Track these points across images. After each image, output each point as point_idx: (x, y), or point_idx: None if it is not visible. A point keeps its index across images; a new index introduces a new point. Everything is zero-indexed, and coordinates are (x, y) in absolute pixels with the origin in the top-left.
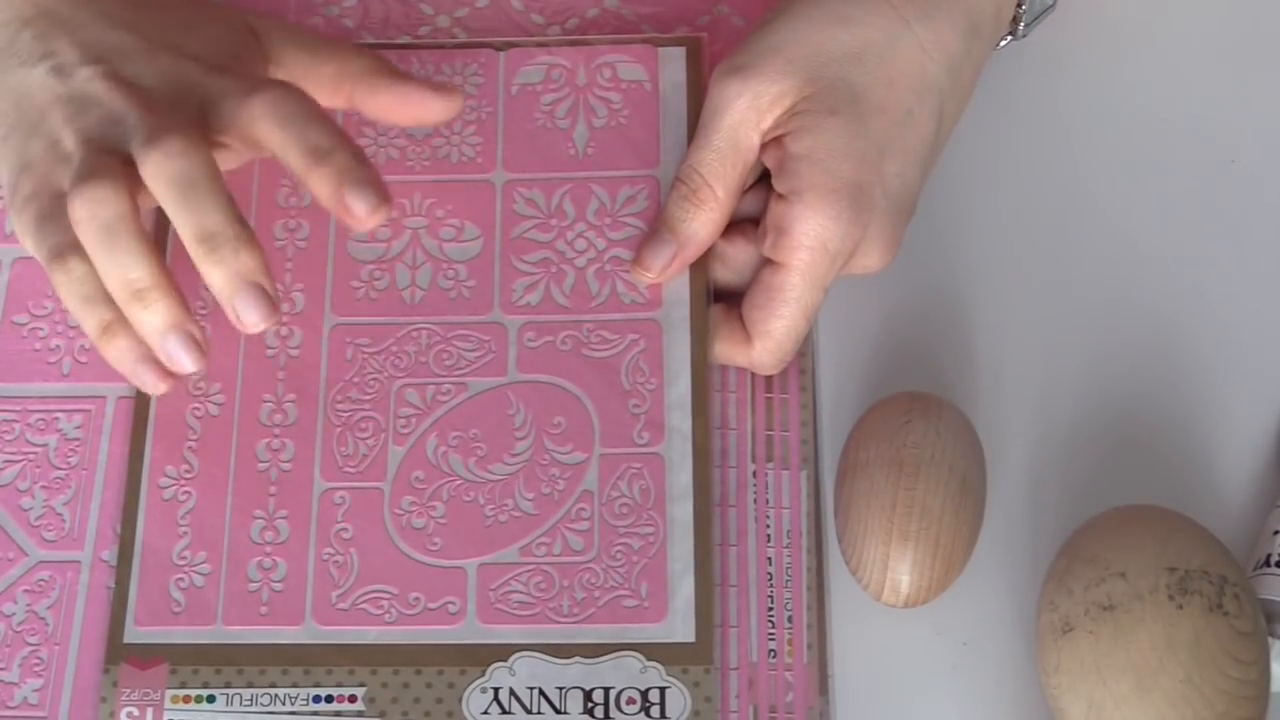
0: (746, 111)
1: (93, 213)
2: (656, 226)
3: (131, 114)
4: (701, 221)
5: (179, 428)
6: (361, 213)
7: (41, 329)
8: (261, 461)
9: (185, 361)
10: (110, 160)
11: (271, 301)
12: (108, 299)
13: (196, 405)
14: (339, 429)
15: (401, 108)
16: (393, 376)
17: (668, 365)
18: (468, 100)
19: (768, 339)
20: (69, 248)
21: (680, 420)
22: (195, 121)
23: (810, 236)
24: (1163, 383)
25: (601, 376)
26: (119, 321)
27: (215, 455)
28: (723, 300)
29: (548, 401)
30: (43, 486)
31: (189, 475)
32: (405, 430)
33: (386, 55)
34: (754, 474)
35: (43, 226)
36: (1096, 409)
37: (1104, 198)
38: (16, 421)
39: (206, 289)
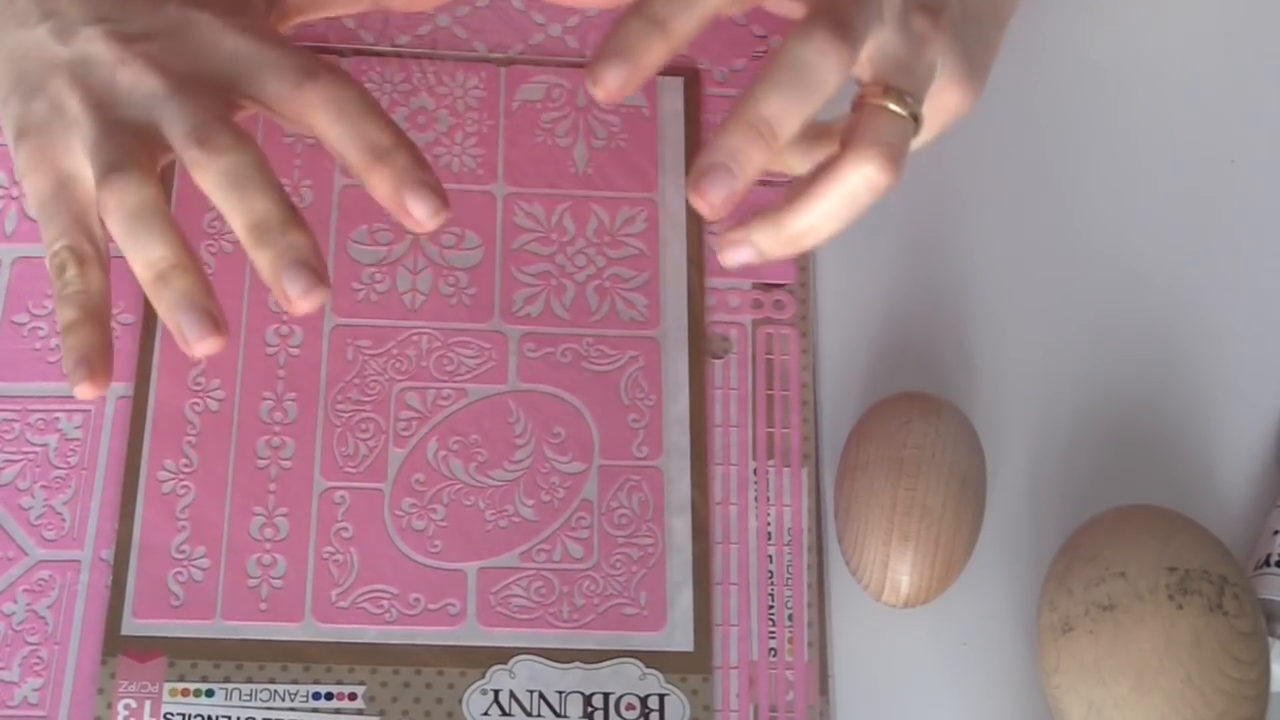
0: None
1: (120, 201)
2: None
3: (157, 88)
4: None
5: (178, 422)
6: (422, 216)
7: (41, 328)
8: (261, 459)
9: (198, 338)
10: (131, 143)
11: (316, 274)
12: (83, 303)
13: (196, 401)
14: (339, 429)
15: None
16: (393, 379)
17: (666, 383)
18: (469, 112)
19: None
20: (67, 252)
21: (679, 436)
22: (224, 95)
23: None
24: (1163, 383)
25: (601, 390)
26: (81, 321)
27: (214, 451)
28: None
29: (548, 411)
30: (43, 486)
31: (188, 469)
32: (406, 433)
33: (388, 64)
34: (754, 471)
35: (44, 213)
36: (1097, 409)
37: (1104, 197)
38: (16, 421)
39: None
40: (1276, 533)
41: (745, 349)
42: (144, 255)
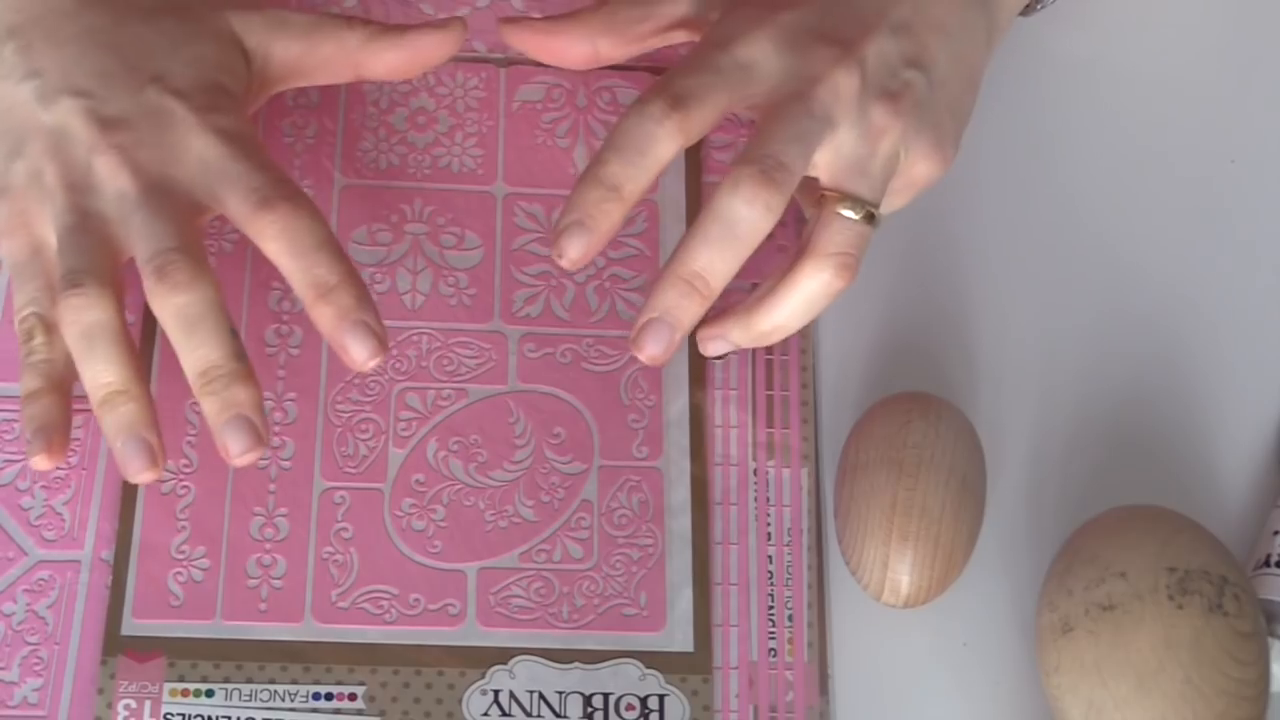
0: None
1: (75, 319)
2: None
3: (128, 190)
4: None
5: (178, 423)
6: (359, 357)
7: None
8: (261, 459)
9: (135, 470)
10: (96, 247)
11: (257, 434)
12: (47, 373)
13: (196, 401)
14: (339, 429)
15: (410, 61)
16: (393, 379)
17: (666, 383)
18: (470, 112)
19: None
20: (35, 319)
21: (679, 436)
22: (191, 202)
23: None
24: (1163, 383)
25: (601, 390)
26: (45, 390)
27: (214, 451)
28: None
29: (547, 412)
30: (43, 486)
31: (188, 470)
32: (406, 433)
33: None
34: (754, 471)
35: (18, 277)
36: (1096, 409)
37: (1104, 197)
38: (16, 421)
39: None
40: (1276, 533)
41: (745, 350)
42: (92, 377)
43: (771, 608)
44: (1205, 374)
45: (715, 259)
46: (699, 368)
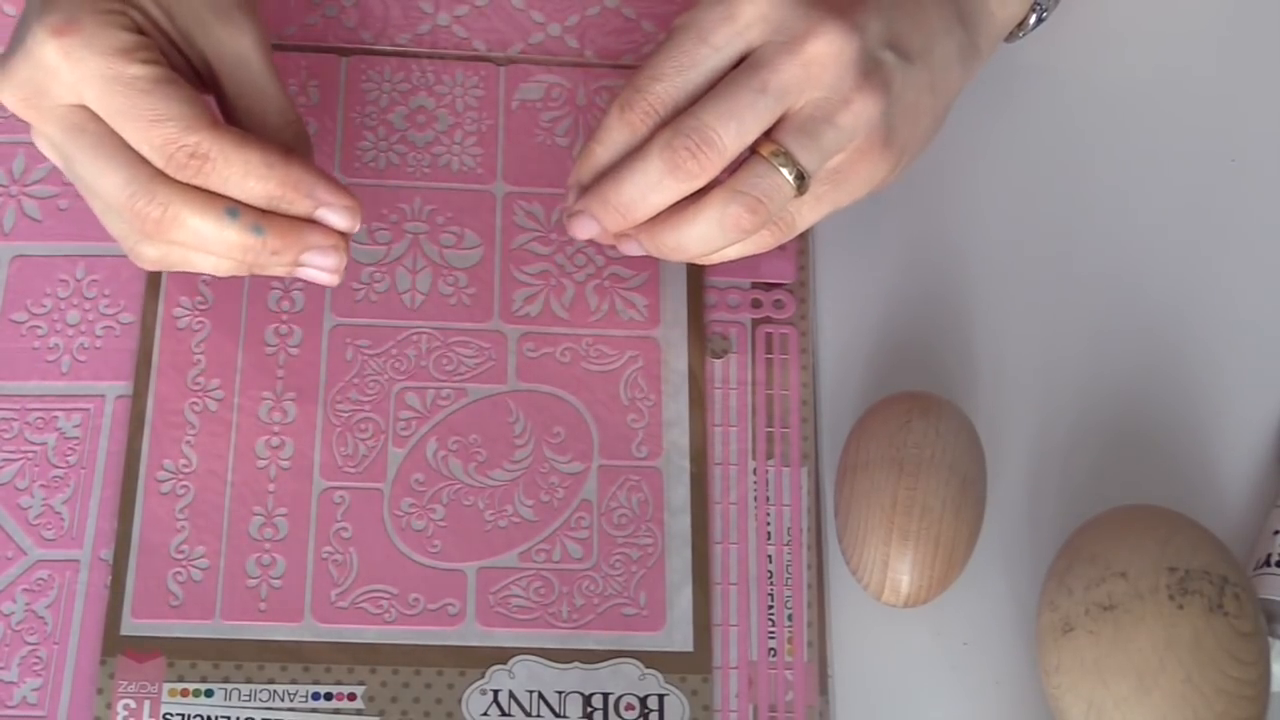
0: None
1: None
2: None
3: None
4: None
5: (177, 422)
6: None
7: (40, 327)
8: (260, 459)
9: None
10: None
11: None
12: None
13: (195, 400)
14: (339, 429)
15: None
16: (393, 379)
17: (666, 383)
18: (469, 112)
19: None
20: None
21: (679, 436)
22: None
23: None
24: (1163, 382)
25: (600, 390)
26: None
27: (214, 451)
28: None
29: (547, 411)
30: (41, 485)
31: (187, 470)
32: (405, 433)
33: (387, 63)
34: (754, 471)
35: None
36: (1097, 408)
37: (1104, 197)
38: (15, 420)
39: (203, 283)
40: (1277, 533)
41: (745, 349)
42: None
43: (771, 607)
44: (1205, 374)
45: (639, 197)
46: (699, 367)
